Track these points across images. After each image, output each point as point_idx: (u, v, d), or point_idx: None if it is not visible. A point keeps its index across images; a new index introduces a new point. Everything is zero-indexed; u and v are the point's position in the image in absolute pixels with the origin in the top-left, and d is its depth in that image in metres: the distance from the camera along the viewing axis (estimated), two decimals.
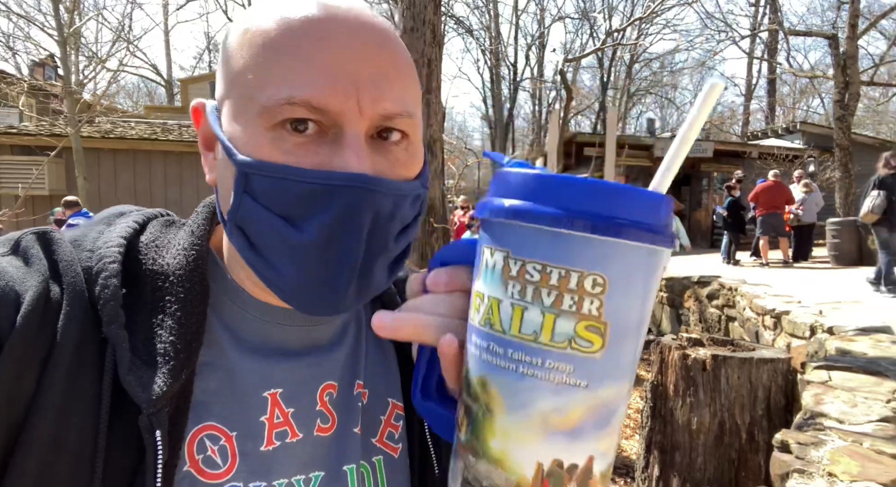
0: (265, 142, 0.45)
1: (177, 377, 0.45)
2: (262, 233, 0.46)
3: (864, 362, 2.71)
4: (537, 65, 33.79)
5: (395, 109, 0.46)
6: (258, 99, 0.45)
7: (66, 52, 10.80)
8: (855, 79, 11.51)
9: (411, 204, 0.49)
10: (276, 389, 0.52)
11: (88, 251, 0.49)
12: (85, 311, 0.46)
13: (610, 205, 0.31)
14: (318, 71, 0.44)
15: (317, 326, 0.56)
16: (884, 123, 28.91)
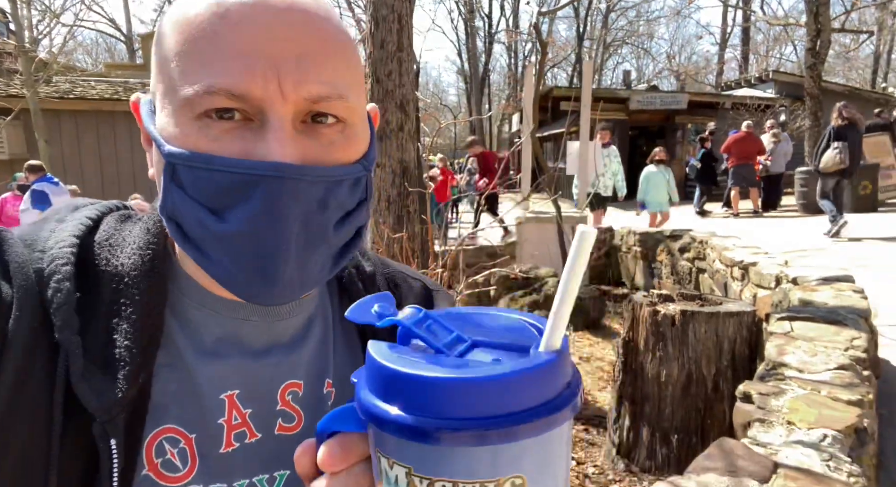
0: (192, 132, 0.44)
1: (132, 382, 0.45)
2: (192, 224, 0.45)
3: (824, 312, 2.82)
4: (512, 16, 33.06)
5: (323, 92, 0.44)
6: (181, 89, 0.43)
7: (16, 6, 10.22)
8: (826, 26, 11.50)
9: (350, 189, 0.48)
10: (234, 390, 0.52)
11: (40, 251, 0.47)
12: (36, 316, 0.44)
13: (504, 402, 0.28)
14: (237, 57, 0.42)
15: (278, 322, 0.55)
16: (853, 70, 29.14)
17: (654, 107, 15.07)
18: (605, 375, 4.12)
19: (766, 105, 14.61)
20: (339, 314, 0.61)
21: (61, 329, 0.44)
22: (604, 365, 4.30)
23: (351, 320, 0.39)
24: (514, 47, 32.61)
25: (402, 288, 0.67)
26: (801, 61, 19.00)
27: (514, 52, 33.15)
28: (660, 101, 15.15)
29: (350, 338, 0.61)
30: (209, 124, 0.44)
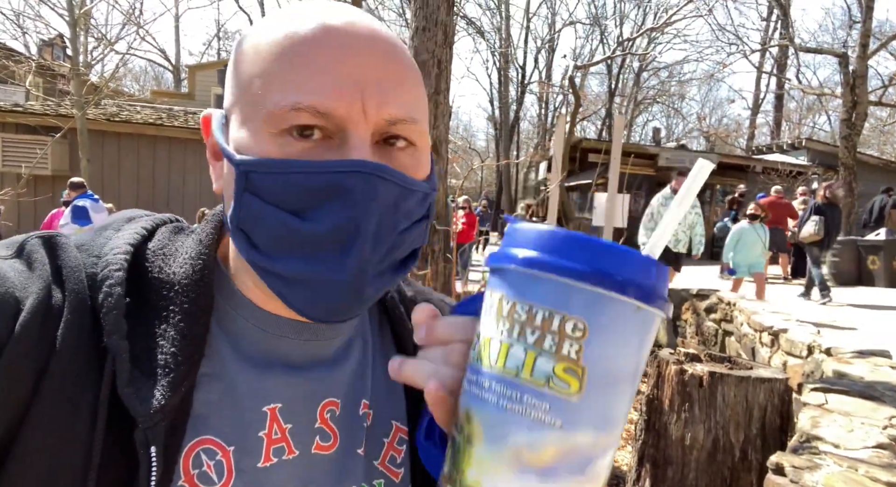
0: (272, 148, 0.45)
1: (176, 389, 0.45)
2: (268, 231, 0.46)
3: (861, 386, 2.70)
4: (546, 68, 33.82)
5: (400, 114, 0.47)
6: (264, 105, 0.45)
7: (75, 32, 10.77)
8: (863, 98, 11.51)
9: (419, 202, 0.49)
10: (276, 404, 0.51)
11: (95, 257, 0.49)
12: (86, 319, 0.45)
13: (600, 260, 0.33)
14: (324, 77, 0.44)
15: (319, 340, 0.55)
16: (888, 144, 28.94)
17: (683, 165, 15.08)
18: (625, 433, 3.98)
19: (797, 172, 14.52)
20: (380, 337, 0.62)
21: (110, 333, 0.44)
22: None
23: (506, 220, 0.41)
24: (546, 98, 33.20)
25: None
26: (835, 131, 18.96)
27: (546, 103, 33.74)
28: (689, 160, 15.16)
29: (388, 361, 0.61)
30: (290, 142, 0.45)
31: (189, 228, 0.57)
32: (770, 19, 24.32)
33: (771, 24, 24.47)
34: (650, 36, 26.61)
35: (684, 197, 0.36)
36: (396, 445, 0.58)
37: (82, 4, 11.16)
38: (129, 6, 13.94)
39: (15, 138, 11.18)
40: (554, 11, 33.75)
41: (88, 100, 10.61)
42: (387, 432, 0.58)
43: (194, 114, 13.45)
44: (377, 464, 0.57)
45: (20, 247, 0.48)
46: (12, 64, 10.50)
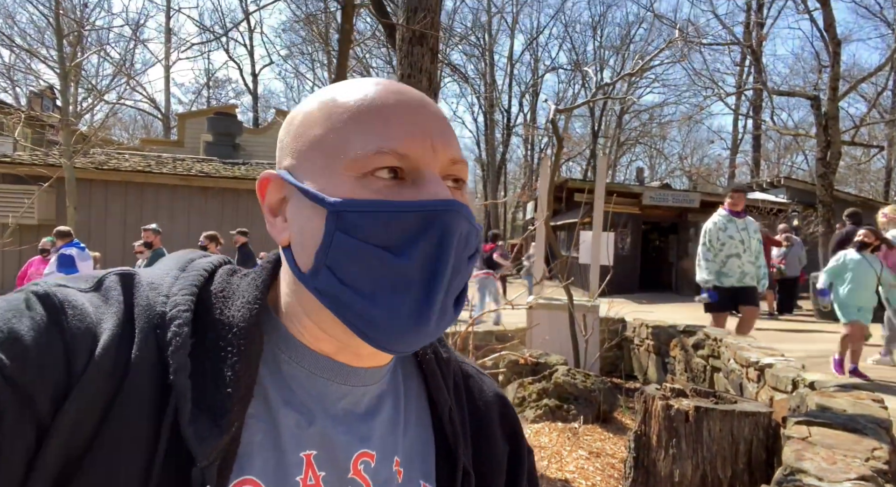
0: (355, 188, 0.50)
1: (229, 430, 0.47)
2: (359, 266, 0.49)
3: (844, 419, 2.73)
4: (530, 111, 34.63)
5: (458, 155, 0.55)
6: (346, 153, 0.51)
7: (66, 84, 10.96)
8: (836, 138, 11.87)
9: (476, 235, 0.55)
10: (312, 450, 0.53)
11: (164, 296, 0.51)
12: (153, 357, 0.47)
13: None
14: (399, 127, 0.52)
15: (359, 387, 0.57)
16: (866, 181, 29.68)
17: (667, 203, 15.35)
18: (616, 473, 3.94)
19: (778, 209, 14.82)
20: (415, 396, 0.64)
21: (176, 371, 0.46)
22: (615, 463, 4.11)
23: None
24: (531, 140, 33.91)
25: (475, 380, 0.71)
26: (813, 169, 19.45)
27: (531, 145, 34.44)
28: (672, 199, 15.45)
29: (422, 422, 0.63)
30: (373, 181, 0.51)
31: (241, 271, 0.60)
32: (743, 64, 25.26)
33: (744, 68, 25.40)
34: (629, 80, 27.46)
35: None
36: None
37: (73, 56, 11.38)
38: (120, 58, 14.20)
39: (2, 188, 11.19)
40: (537, 58, 34.87)
41: (77, 150, 10.70)
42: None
43: (182, 161, 13.56)
44: None
45: (99, 282, 0.51)
46: (1, 116, 10.61)
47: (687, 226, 15.69)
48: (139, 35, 17.91)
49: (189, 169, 12.80)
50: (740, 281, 5.51)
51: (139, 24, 19.62)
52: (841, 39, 12.34)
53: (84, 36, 12.86)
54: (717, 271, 5.46)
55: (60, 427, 0.42)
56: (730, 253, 5.51)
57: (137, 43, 14.78)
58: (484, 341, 5.88)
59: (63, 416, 0.42)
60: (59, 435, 0.42)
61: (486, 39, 31.40)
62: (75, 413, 0.43)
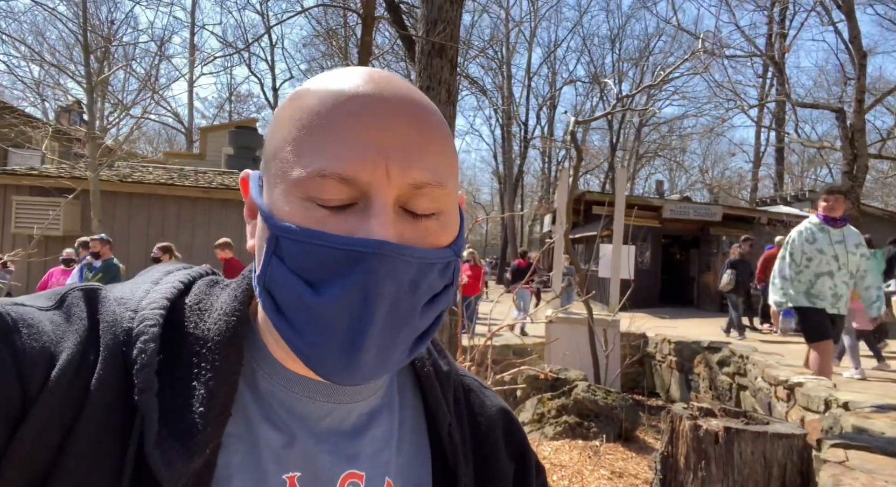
0: (298, 211, 0.45)
1: (201, 452, 0.44)
2: (287, 296, 0.46)
3: (883, 442, 2.60)
4: (548, 124, 34.63)
5: (424, 179, 0.46)
6: (293, 172, 0.46)
7: (92, 98, 11.19)
8: (863, 151, 11.64)
9: (440, 273, 0.48)
10: (295, 473, 0.50)
11: (132, 311, 0.48)
12: (118, 375, 0.45)
13: None
14: (349, 144, 0.45)
15: (343, 405, 0.54)
16: (892, 195, 29.05)
17: (687, 216, 15.14)
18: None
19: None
20: (412, 411, 0.60)
21: (141, 391, 0.44)
22: (638, 484, 3.99)
23: None
24: (549, 153, 33.84)
25: (477, 395, 0.67)
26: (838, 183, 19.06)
27: (549, 158, 34.36)
28: (693, 212, 15.24)
29: (418, 441, 0.59)
30: (314, 207, 0.45)
31: (224, 282, 0.57)
32: (766, 76, 25.00)
33: (767, 80, 25.13)
34: (649, 92, 27.32)
35: None
36: None
37: (100, 72, 11.65)
38: (145, 73, 14.52)
39: (29, 200, 11.43)
40: (554, 71, 34.91)
41: (102, 162, 10.89)
42: None
43: (204, 173, 13.75)
44: None
45: (61, 300, 0.48)
46: (30, 129, 10.87)
47: (709, 240, 15.45)
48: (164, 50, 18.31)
49: (210, 181, 12.97)
50: (833, 306, 4.20)
51: (164, 40, 20.04)
52: (866, 51, 12.15)
53: (111, 52, 13.16)
54: (806, 292, 4.24)
55: (16, 455, 0.40)
56: (819, 272, 4.20)
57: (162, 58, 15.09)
58: (502, 355, 5.81)
59: (17, 444, 0.40)
60: (15, 465, 0.40)
61: (503, 53, 31.54)
62: (31, 440, 0.40)
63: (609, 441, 4.76)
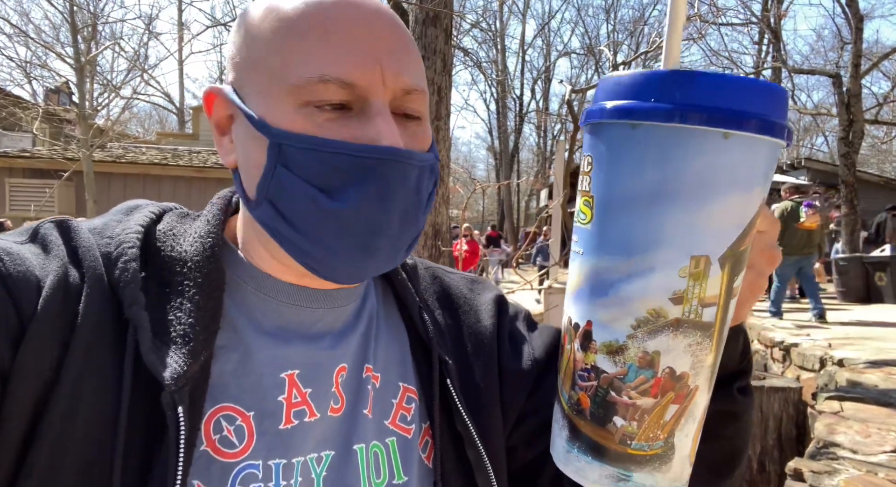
0: (297, 118, 0.47)
1: (196, 358, 0.46)
2: (297, 203, 0.47)
3: (876, 393, 2.67)
4: (543, 98, 34.32)
5: (413, 83, 0.49)
6: (287, 78, 0.47)
7: (82, 79, 11.04)
8: (859, 116, 11.61)
9: (429, 175, 0.51)
10: (294, 370, 0.53)
11: (108, 238, 0.51)
12: (104, 294, 0.47)
13: (598, 96, 0.36)
14: (345, 49, 0.47)
15: (332, 309, 0.57)
16: (887, 162, 29.06)
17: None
18: None
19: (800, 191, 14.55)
20: (384, 305, 0.64)
21: (129, 305, 0.46)
22: None
23: None
24: (544, 127, 33.63)
25: (441, 279, 0.71)
26: (833, 151, 19.09)
27: (544, 132, 34.14)
28: None
29: (394, 329, 0.64)
30: (315, 112, 0.47)
31: (194, 213, 0.60)
32: (762, 43, 24.77)
33: (763, 47, 24.91)
34: (644, 61, 27.09)
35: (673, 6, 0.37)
36: (405, 404, 0.60)
37: (88, 52, 11.47)
38: (133, 53, 14.30)
39: (22, 182, 11.37)
40: (549, 42, 34.48)
41: (94, 144, 10.80)
42: (395, 393, 0.60)
43: (198, 153, 13.66)
44: (388, 423, 0.58)
45: (34, 233, 0.50)
46: (20, 111, 10.74)
47: None
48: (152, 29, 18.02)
49: (205, 161, 12.90)
50: None
51: (152, 17, 19.71)
52: (864, 15, 12.03)
53: (98, 31, 12.95)
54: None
55: (22, 367, 0.42)
56: None
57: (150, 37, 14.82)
58: None
59: (23, 358, 0.42)
60: (23, 375, 0.42)
61: (497, 25, 31.12)
62: (34, 355, 0.43)
63: None
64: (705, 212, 0.34)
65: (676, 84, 0.33)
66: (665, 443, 0.38)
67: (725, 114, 0.32)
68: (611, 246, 0.35)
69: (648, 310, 0.35)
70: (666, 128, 0.33)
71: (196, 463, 0.47)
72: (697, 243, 0.34)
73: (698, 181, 0.33)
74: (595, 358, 0.38)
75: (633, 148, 0.34)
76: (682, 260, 0.34)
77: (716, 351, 0.38)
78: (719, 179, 0.33)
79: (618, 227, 0.35)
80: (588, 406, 0.39)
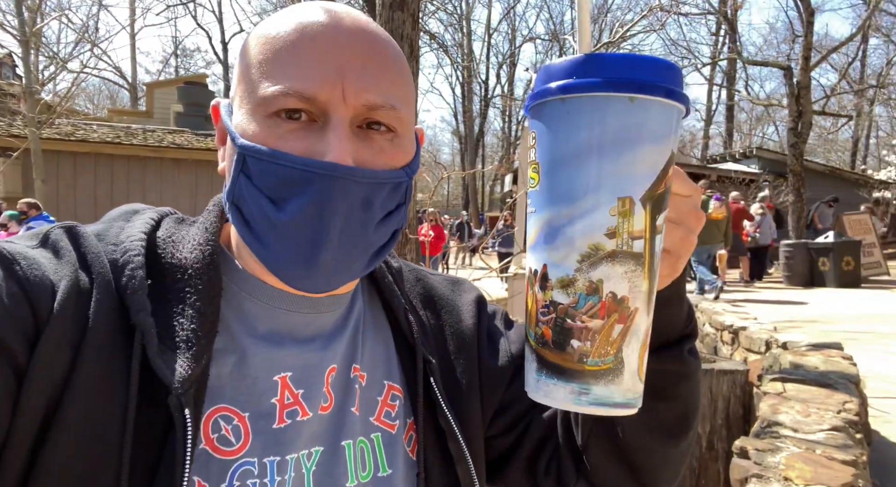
0: (263, 129, 0.50)
1: (198, 361, 0.49)
2: (253, 211, 0.51)
3: (816, 375, 2.84)
4: (508, 82, 34.38)
5: (377, 101, 0.51)
6: (259, 91, 0.50)
7: (27, 51, 10.49)
8: (807, 108, 12.07)
9: (391, 192, 0.53)
10: (286, 372, 0.56)
11: (113, 245, 0.53)
12: (112, 300, 0.49)
13: (536, 85, 0.45)
14: (310, 65, 0.49)
15: (320, 314, 0.60)
16: (833, 151, 30.32)
17: None
18: None
19: (750, 179, 15.09)
20: (370, 308, 0.67)
21: (136, 311, 0.49)
22: None
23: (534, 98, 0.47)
24: (509, 112, 33.75)
25: (425, 281, 0.74)
26: (784, 140, 19.77)
27: (509, 117, 34.28)
28: None
29: (380, 329, 0.67)
30: (278, 123, 0.50)
31: (189, 219, 0.62)
32: (719, 34, 25.33)
33: (720, 38, 25.47)
34: (607, 50, 27.33)
35: None
36: (390, 401, 0.63)
37: (33, 23, 10.89)
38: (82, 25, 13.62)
39: None
40: (514, 27, 34.47)
41: (42, 120, 10.32)
42: (380, 391, 0.63)
43: (153, 131, 13.20)
44: (373, 420, 0.62)
45: (45, 238, 0.51)
46: None
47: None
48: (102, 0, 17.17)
49: (161, 140, 12.49)
50: None
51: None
52: (814, 9, 12.45)
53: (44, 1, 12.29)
54: None
55: (37, 368, 0.44)
56: None
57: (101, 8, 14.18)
58: None
59: (38, 357, 0.44)
60: (38, 376, 0.44)
61: (462, 8, 30.88)
62: (48, 355, 0.45)
63: None
64: (623, 161, 0.43)
65: (591, 64, 0.43)
66: (615, 358, 0.45)
67: (629, 83, 0.42)
68: (557, 198, 0.44)
69: (589, 246, 0.44)
70: (587, 98, 0.43)
71: (197, 461, 0.49)
72: (622, 187, 0.43)
73: (616, 137, 0.43)
74: (552, 294, 0.45)
75: (564, 117, 0.44)
76: (612, 202, 0.43)
77: (649, 278, 0.46)
78: (631, 135, 0.43)
79: (560, 182, 0.44)
80: (550, 337, 0.46)
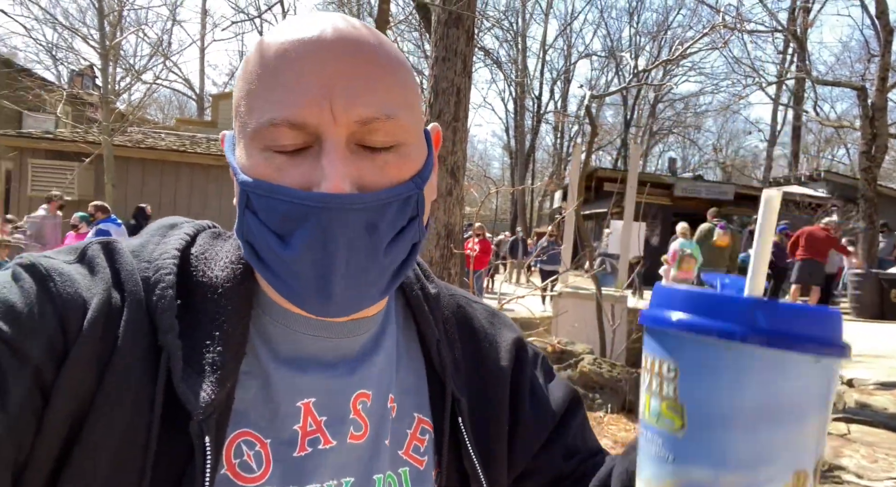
0: (260, 162, 0.49)
1: (223, 386, 0.48)
2: (262, 247, 0.49)
3: (884, 417, 2.65)
4: (561, 99, 34.16)
5: (370, 114, 0.47)
6: (249, 124, 0.49)
7: (106, 63, 11.16)
8: (883, 131, 11.45)
9: (399, 209, 0.50)
10: (309, 399, 0.54)
11: (146, 262, 0.52)
12: (142, 319, 0.49)
13: (687, 306, 0.37)
14: (293, 90, 0.47)
15: (345, 338, 0.57)
16: None
17: (699, 195, 15.06)
18: None
19: (817, 204, 14.39)
20: (404, 334, 0.65)
21: (165, 332, 0.48)
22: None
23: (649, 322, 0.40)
24: (561, 128, 33.49)
25: (465, 310, 0.71)
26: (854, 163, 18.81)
27: (561, 133, 34.00)
28: (705, 191, 15.14)
29: (413, 359, 0.64)
30: (274, 156, 0.48)
31: (226, 233, 0.61)
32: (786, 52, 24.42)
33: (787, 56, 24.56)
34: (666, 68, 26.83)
35: (761, 232, 0.37)
36: (419, 435, 0.61)
37: (113, 36, 11.59)
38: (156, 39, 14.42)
39: (44, 164, 11.53)
40: (570, 44, 34.29)
41: (115, 128, 10.93)
42: (410, 423, 0.61)
43: (216, 141, 13.77)
44: (401, 453, 0.59)
45: (82, 253, 0.52)
46: (45, 93, 10.89)
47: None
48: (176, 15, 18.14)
49: (222, 149, 13.00)
50: None
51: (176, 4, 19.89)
52: (893, 27, 11.84)
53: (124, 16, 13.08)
54: None
55: (63, 386, 0.44)
56: None
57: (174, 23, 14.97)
58: None
59: (65, 375, 0.44)
60: (63, 395, 0.44)
61: (518, 24, 30.99)
62: (75, 374, 0.44)
63: (612, 413, 4.84)
64: (804, 429, 0.36)
65: (768, 312, 0.35)
66: None
67: (817, 342, 0.35)
68: (710, 458, 0.36)
69: None
70: (765, 352, 0.35)
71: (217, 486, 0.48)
72: (799, 459, 0.36)
73: (797, 402, 0.36)
74: None
75: (728, 366, 0.36)
76: (785, 477, 0.36)
77: None
78: (812, 399, 0.36)
79: (719, 442, 0.36)
80: None
